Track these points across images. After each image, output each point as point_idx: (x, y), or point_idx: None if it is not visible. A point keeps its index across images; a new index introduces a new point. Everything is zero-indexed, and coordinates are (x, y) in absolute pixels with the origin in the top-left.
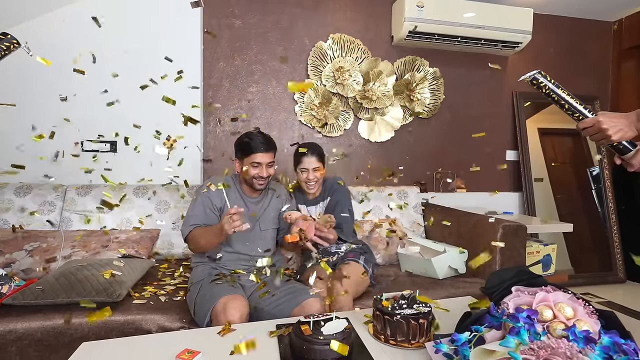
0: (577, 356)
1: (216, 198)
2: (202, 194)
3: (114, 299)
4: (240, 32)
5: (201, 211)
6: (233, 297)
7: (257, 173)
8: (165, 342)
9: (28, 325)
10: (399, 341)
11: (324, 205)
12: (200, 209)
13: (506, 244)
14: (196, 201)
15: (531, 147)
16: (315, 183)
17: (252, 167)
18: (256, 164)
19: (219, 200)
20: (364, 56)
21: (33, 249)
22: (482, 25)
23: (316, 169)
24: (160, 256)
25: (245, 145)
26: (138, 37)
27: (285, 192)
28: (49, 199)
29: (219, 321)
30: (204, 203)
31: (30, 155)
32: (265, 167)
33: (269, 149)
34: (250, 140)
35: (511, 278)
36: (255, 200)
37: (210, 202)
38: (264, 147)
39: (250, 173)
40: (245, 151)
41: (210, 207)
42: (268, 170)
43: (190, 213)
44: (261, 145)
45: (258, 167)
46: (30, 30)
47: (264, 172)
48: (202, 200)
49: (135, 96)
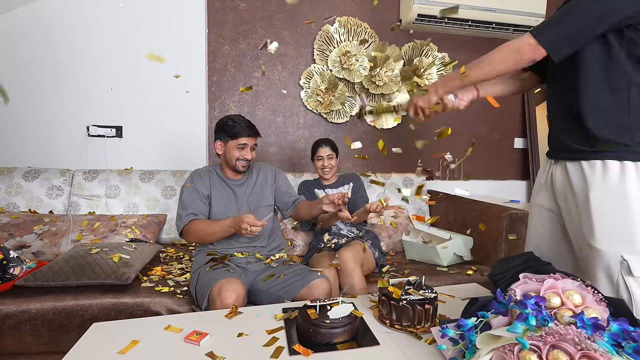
0: (585, 342)
1: (202, 187)
2: (188, 189)
3: (123, 282)
4: (245, 15)
5: (193, 202)
6: (227, 280)
7: (241, 155)
8: (174, 323)
9: (40, 305)
10: (405, 326)
11: (349, 188)
12: (191, 201)
13: (512, 232)
14: (184, 196)
15: (540, 134)
16: (331, 169)
17: (237, 149)
18: (241, 146)
19: (205, 189)
20: (371, 40)
21: (43, 232)
22: (493, 8)
23: (330, 156)
24: (167, 241)
25: (230, 128)
26: (142, 18)
27: (270, 168)
28: (56, 184)
29: (216, 305)
30: (192, 196)
31: (39, 140)
32: (249, 149)
33: (254, 133)
34: (235, 123)
35: (519, 265)
36: (239, 182)
37: (198, 193)
38: (250, 130)
39: (235, 155)
40: (231, 133)
41: (199, 197)
42: (252, 153)
43: (182, 208)
44: (247, 128)
45: (244, 148)
46: (36, 9)
47: (248, 155)
48: (190, 194)
49: (139, 80)
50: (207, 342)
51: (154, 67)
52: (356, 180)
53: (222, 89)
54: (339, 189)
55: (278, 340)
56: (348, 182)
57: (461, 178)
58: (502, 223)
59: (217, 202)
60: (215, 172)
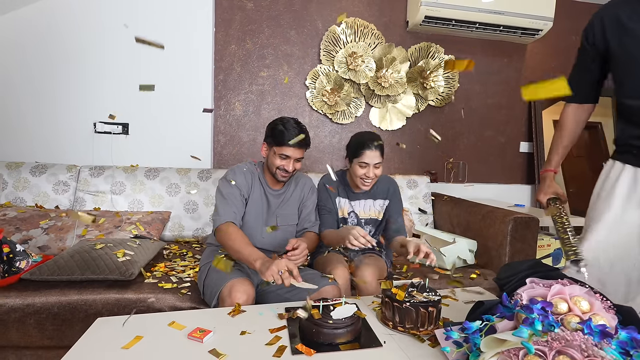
0: (592, 349)
1: (244, 186)
2: (230, 184)
3: (127, 278)
4: (252, 15)
5: (235, 200)
6: (239, 281)
7: (282, 165)
8: (177, 320)
9: (45, 299)
10: (408, 328)
11: (381, 206)
12: (234, 198)
13: (517, 236)
14: (225, 191)
15: (546, 139)
16: (372, 181)
17: (280, 157)
18: (285, 157)
19: (246, 190)
20: (378, 41)
21: (49, 226)
22: (501, 11)
23: (377, 165)
24: (170, 238)
25: (279, 134)
26: (152, 18)
27: (309, 183)
28: (63, 179)
29: (225, 304)
30: (233, 194)
31: (43, 136)
32: (293, 161)
33: (302, 144)
34: (285, 130)
35: (526, 270)
36: (277, 192)
37: (239, 192)
38: (298, 141)
39: (276, 163)
40: (278, 140)
41: (239, 197)
42: (295, 164)
43: (223, 203)
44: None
45: (286, 159)
46: (44, 7)
47: (290, 166)
48: (233, 190)
49: (146, 78)
50: (210, 339)
51: (161, 64)
52: (394, 194)
53: (228, 87)
54: (369, 206)
55: (281, 340)
56: (383, 195)
57: (465, 181)
58: (506, 227)
59: (250, 208)
60: (257, 176)
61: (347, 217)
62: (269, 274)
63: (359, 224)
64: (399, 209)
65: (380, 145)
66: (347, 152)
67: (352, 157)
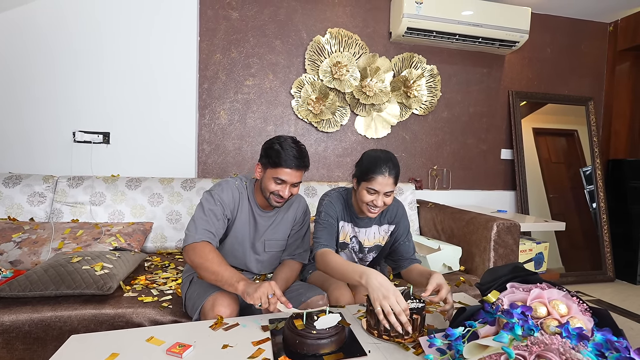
0: (570, 352)
1: (228, 207)
2: (216, 202)
3: (105, 292)
4: (237, 24)
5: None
6: (221, 294)
7: (277, 190)
8: (156, 335)
9: (15, 317)
10: (392, 337)
11: (386, 232)
12: (213, 216)
13: (500, 241)
14: (207, 208)
15: (526, 146)
16: (380, 209)
17: (275, 182)
18: (280, 181)
19: (231, 211)
20: (362, 52)
21: (22, 240)
22: (480, 24)
23: (389, 193)
24: (152, 249)
25: (275, 154)
26: (134, 26)
27: (302, 206)
28: (39, 190)
29: (208, 318)
30: (215, 212)
31: (21, 145)
32: (289, 186)
33: (300, 167)
34: (281, 150)
35: (506, 274)
36: (266, 215)
37: (222, 211)
38: (296, 163)
39: (270, 188)
40: (273, 161)
41: (221, 216)
42: (292, 189)
43: (200, 220)
44: (294, 160)
45: (281, 184)
46: (24, 13)
47: (285, 192)
48: (215, 209)
49: (128, 86)
50: (190, 354)
51: (144, 73)
52: (402, 220)
53: (213, 96)
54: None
55: (264, 352)
56: (390, 220)
57: (450, 187)
58: (489, 232)
59: (235, 229)
60: (247, 196)
61: (348, 242)
62: (256, 297)
63: (362, 251)
64: (407, 232)
65: (395, 170)
66: (356, 170)
67: (360, 179)
